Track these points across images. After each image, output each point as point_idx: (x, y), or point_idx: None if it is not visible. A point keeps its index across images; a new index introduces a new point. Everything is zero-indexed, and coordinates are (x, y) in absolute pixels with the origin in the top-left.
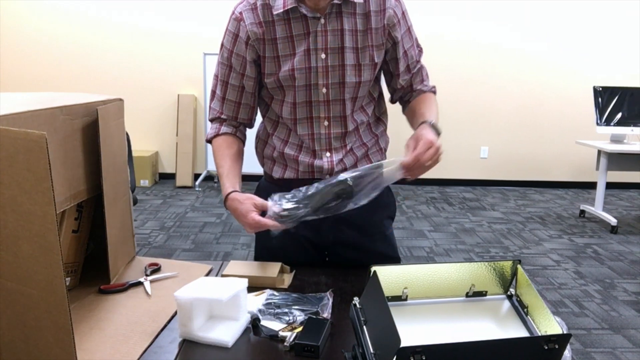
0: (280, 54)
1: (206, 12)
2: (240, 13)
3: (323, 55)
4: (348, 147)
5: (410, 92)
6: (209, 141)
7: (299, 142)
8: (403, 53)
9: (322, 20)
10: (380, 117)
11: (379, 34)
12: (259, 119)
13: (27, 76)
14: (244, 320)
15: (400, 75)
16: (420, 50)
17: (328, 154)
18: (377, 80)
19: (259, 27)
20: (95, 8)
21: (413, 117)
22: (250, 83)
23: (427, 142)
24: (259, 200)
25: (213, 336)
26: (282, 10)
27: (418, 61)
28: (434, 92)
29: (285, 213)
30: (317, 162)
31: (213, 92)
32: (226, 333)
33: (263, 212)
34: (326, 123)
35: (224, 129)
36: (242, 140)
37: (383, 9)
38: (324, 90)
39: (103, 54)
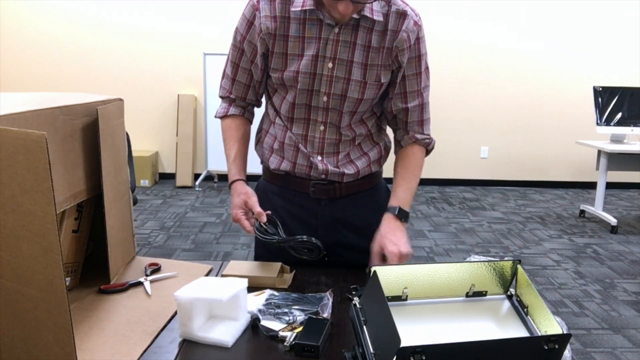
0: (289, 52)
1: (206, 12)
2: (258, 2)
3: (330, 65)
4: (341, 154)
5: (405, 132)
6: (219, 118)
7: (296, 139)
8: (402, 78)
9: (337, 30)
10: (382, 127)
11: (389, 54)
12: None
13: (27, 76)
14: (244, 320)
15: (392, 100)
16: (427, 86)
17: (319, 157)
18: (382, 97)
19: (273, 22)
20: (95, 8)
21: (394, 176)
22: (258, 72)
23: (395, 257)
24: (252, 200)
25: (213, 336)
26: (300, 9)
27: (420, 94)
28: (428, 144)
29: (261, 228)
30: (312, 159)
31: (225, 73)
32: (226, 333)
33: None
34: (322, 128)
35: (232, 109)
36: (250, 120)
37: (399, 30)
38: (325, 98)
39: (103, 54)
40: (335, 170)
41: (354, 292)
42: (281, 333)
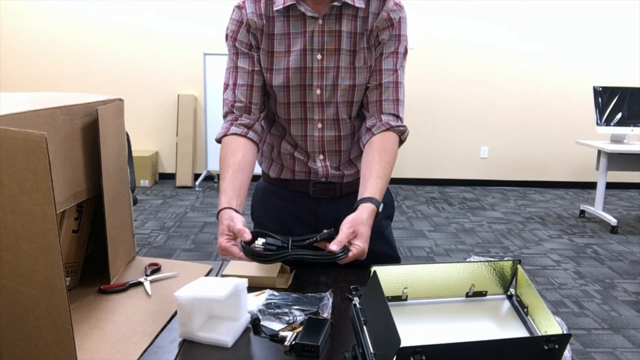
0: (275, 49)
1: (206, 12)
2: (243, 2)
3: (319, 56)
4: (343, 153)
5: (378, 118)
6: (218, 141)
7: (293, 142)
8: (379, 55)
9: (320, 21)
10: None
11: (371, 35)
12: None
13: (27, 76)
14: (244, 320)
15: (368, 81)
16: (403, 67)
17: (321, 156)
18: None
19: (260, 19)
20: (95, 8)
21: (364, 166)
22: (258, 65)
23: (356, 255)
24: (236, 224)
25: (213, 336)
26: (282, 6)
27: (395, 72)
28: (402, 132)
29: (257, 250)
30: (311, 164)
31: (225, 85)
32: (226, 333)
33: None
34: (320, 125)
35: (233, 129)
36: (255, 141)
37: (380, 11)
38: (318, 91)
39: (103, 54)
40: (335, 173)
41: (354, 292)
42: (281, 333)
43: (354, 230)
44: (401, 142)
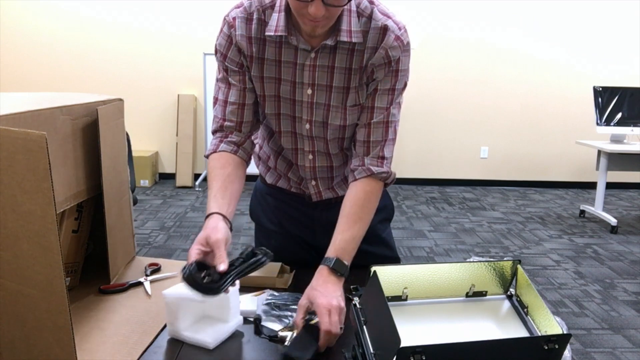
0: (265, 75)
1: (206, 12)
2: (234, 19)
3: (309, 91)
4: (336, 178)
5: (361, 161)
6: (207, 157)
7: (288, 162)
8: (373, 91)
9: (313, 54)
10: None
11: (365, 73)
12: None
13: (27, 76)
14: (234, 323)
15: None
16: (399, 104)
17: (314, 182)
18: None
19: (248, 43)
20: (95, 8)
21: (340, 214)
22: (251, 86)
23: (325, 310)
24: (214, 237)
25: (196, 336)
26: (273, 33)
27: (387, 109)
28: (385, 179)
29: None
30: (303, 187)
31: (215, 99)
32: (210, 335)
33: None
34: (310, 157)
35: (223, 146)
36: (244, 160)
37: (378, 47)
38: (307, 125)
39: (103, 54)
40: (329, 194)
41: (354, 292)
42: (280, 333)
43: (307, 298)
44: (387, 184)
